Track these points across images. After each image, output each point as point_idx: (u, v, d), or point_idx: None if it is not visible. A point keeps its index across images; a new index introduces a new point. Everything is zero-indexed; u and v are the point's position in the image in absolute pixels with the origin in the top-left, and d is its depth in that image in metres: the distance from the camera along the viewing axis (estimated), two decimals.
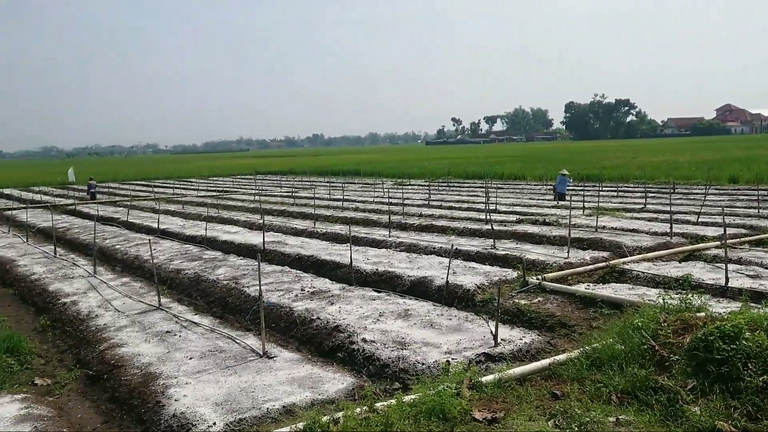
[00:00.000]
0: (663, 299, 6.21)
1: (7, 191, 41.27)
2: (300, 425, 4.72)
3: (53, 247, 14.44)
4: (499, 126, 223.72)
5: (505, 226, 14.65)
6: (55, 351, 7.88)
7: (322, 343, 7.21)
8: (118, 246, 14.42)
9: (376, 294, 8.92)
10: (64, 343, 8.09)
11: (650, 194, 20.91)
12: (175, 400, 5.46)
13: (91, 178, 34.65)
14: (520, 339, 6.78)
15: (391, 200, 22.19)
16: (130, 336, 7.56)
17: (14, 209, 26.20)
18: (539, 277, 9.18)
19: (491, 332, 6.73)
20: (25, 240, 16.50)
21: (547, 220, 15.15)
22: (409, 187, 31.15)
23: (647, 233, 12.86)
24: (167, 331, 7.66)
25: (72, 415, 5.83)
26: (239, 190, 34.75)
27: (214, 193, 31.37)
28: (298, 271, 10.75)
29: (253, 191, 32.18)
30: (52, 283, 10.83)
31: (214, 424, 5.01)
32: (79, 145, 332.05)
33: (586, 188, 23.10)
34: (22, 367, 7.16)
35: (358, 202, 23.27)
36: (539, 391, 5.35)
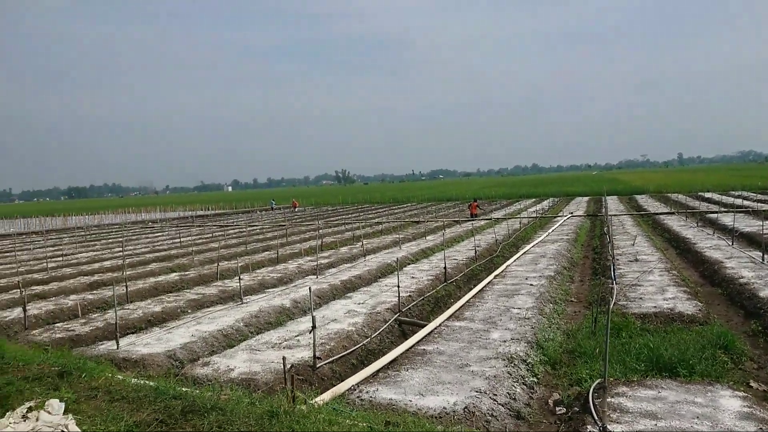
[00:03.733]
0: None
1: (707, 195, 43.14)
2: None
3: (760, 252, 14.14)
4: None
5: None
6: None
7: None
8: None
9: None
10: None
11: None
12: None
13: None
14: None
15: None
16: None
17: (715, 212, 27.07)
18: None
19: None
20: (729, 243, 16.77)
21: None
22: None
23: None
24: None
25: None
26: None
27: None
28: None
29: None
30: (762, 289, 10.61)
31: None
32: None
33: None
34: (735, 366, 7.33)
35: None
36: None
